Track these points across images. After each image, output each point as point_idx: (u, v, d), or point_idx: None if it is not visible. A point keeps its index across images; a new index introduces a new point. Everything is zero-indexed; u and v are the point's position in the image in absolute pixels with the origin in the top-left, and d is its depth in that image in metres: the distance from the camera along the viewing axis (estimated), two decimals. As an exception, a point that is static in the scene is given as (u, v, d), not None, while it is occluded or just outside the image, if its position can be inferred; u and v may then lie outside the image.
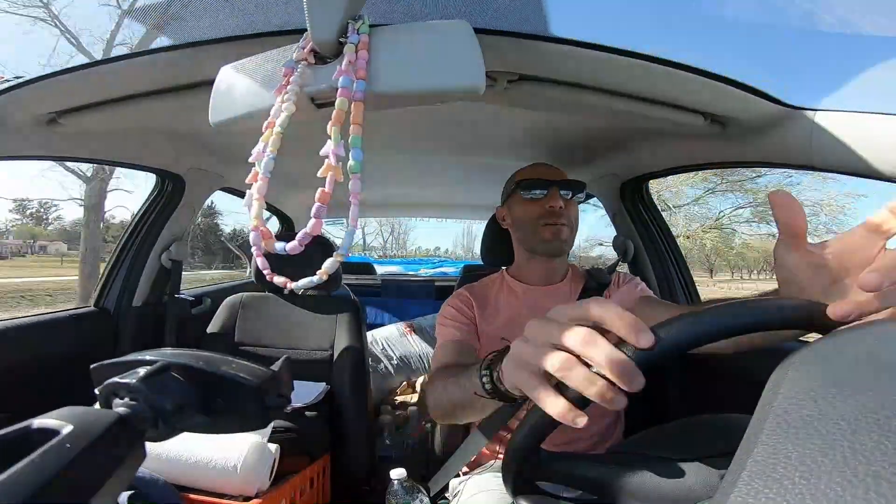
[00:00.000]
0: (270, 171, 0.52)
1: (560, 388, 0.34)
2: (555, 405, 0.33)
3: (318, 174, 0.48)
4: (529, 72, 0.75)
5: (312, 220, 0.48)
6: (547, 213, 0.90)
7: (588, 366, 0.32)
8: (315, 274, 0.51)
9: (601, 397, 0.31)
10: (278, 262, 0.58)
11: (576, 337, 0.32)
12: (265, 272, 0.56)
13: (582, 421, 0.32)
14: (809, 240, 0.41)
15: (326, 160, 0.48)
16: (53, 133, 0.97)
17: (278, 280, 0.56)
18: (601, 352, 0.31)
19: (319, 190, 0.47)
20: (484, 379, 0.51)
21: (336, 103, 0.49)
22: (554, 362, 0.33)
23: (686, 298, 1.35)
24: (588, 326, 0.33)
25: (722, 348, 0.61)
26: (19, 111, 0.88)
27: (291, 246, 0.49)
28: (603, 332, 0.32)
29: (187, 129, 1.19)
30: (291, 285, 0.54)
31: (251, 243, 0.53)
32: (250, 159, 0.53)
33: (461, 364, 0.78)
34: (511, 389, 0.41)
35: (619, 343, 0.31)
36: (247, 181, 0.53)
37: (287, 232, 2.32)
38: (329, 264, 0.50)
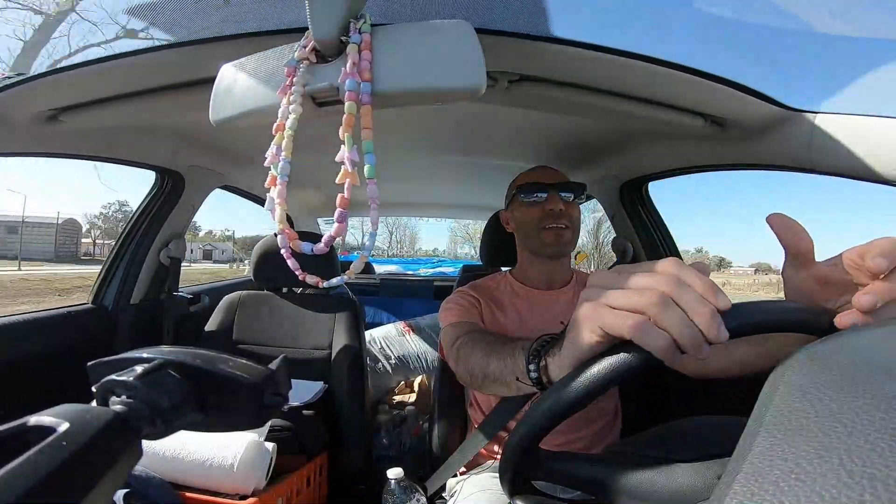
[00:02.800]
0: (287, 174, 0.53)
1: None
2: (661, 338, 0.31)
3: (336, 181, 0.50)
4: (530, 72, 0.75)
5: (336, 224, 0.51)
6: (547, 215, 0.91)
7: None
8: (326, 272, 0.55)
9: (693, 341, 0.30)
10: (274, 261, 0.60)
11: (667, 280, 0.31)
12: (297, 272, 0.58)
13: (679, 358, 0.31)
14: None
15: (343, 167, 0.50)
16: (54, 130, 0.97)
17: (311, 279, 0.59)
18: (692, 296, 0.30)
19: (339, 196, 0.50)
20: (531, 367, 0.48)
21: (345, 107, 0.50)
22: (651, 301, 0.31)
23: None
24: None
25: (726, 370, 0.63)
26: (20, 108, 0.88)
27: (318, 247, 0.52)
28: None
29: (188, 126, 1.19)
30: (324, 283, 0.59)
31: (279, 245, 0.56)
32: (265, 163, 0.54)
33: (501, 334, 0.77)
34: (588, 340, 0.35)
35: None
36: (265, 185, 0.55)
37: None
38: (356, 265, 0.54)
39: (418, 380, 1.96)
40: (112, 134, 1.11)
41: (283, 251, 0.56)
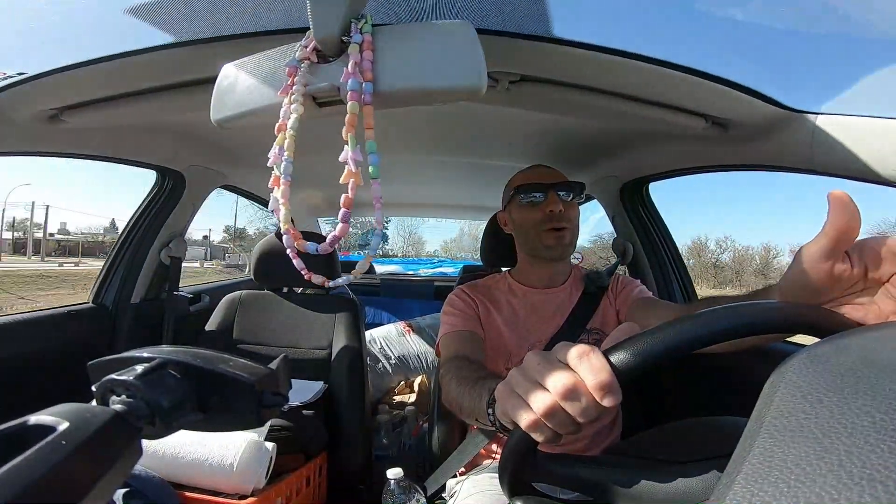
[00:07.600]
0: (290, 174, 0.54)
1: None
2: (542, 435, 0.38)
3: (340, 181, 0.50)
4: (531, 73, 0.75)
5: (340, 224, 0.52)
6: (547, 217, 0.90)
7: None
8: (328, 272, 0.55)
9: (568, 433, 0.38)
10: (274, 261, 0.61)
11: (561, 385, 0.36)
12: (303, 272, 0.59)
13: (558, 441, 0.38)
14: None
15: (346, 167, 0.50)
16: (56, 129, 0.97)
17: (316, 279, 0.60)
18: (577, 407, 0.36)
19: (343, 196, 0.50)
20: (490, 410, 0.53)
21: (347, 107, 0.51)
22: (539, 405, 0.37)
23: (684, 298, 1.35)
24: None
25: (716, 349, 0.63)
26: (22, 107, 0.88)
27: (323, 247, 0.53)
28: None
29: (188, 126, 1.19)
30: (329, 283, 0.59)
31: (285, 245, 0.57)
32: (269, 164, 0.55)
33: (476, 363, 0.79)
34: (500, 417, 0.43)
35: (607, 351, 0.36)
36: (269, 185, 0.55)
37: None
38: (361, 265, 0.55)
39: (418, 380, 1.96)
40: (113, 133, 1.11)
41: (288, 251, 0.57)
